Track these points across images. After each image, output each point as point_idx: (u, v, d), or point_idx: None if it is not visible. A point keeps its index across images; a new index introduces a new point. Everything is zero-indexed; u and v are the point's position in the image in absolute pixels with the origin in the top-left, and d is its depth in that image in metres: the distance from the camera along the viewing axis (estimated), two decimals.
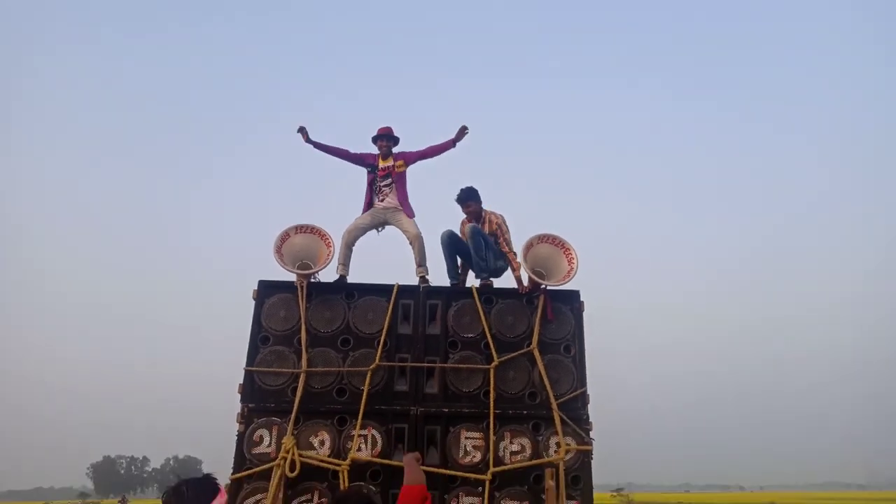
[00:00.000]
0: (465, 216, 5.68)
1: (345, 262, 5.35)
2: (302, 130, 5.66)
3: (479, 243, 5.28)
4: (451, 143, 5.67)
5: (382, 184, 5.84)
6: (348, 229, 5.53)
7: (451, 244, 5.54)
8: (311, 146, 5.74)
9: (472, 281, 5.46)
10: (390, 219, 5.69)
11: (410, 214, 5.66)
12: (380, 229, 5.72)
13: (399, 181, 5.79)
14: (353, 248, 5.51)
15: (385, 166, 5.86)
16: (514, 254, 5.36)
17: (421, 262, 5.51)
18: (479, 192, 5.64)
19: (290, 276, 4.83)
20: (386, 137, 5.86)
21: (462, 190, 5.63)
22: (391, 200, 5.71)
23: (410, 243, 5.54)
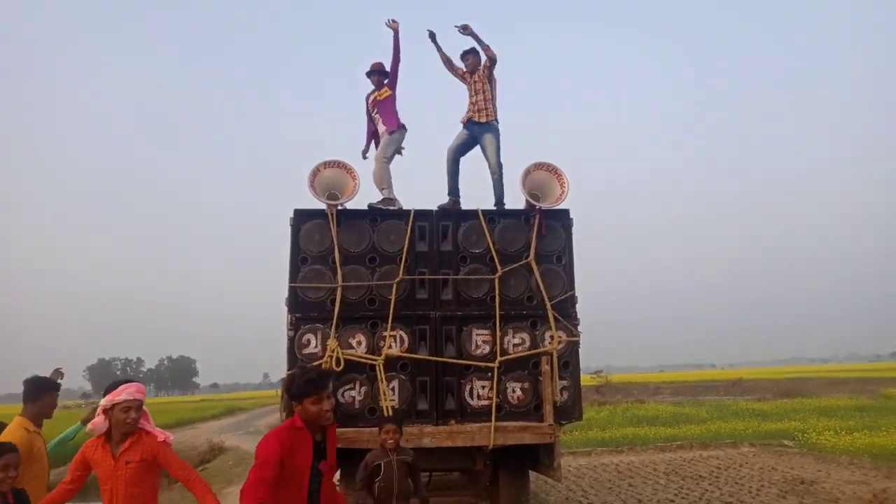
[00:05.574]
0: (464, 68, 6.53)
1: (391, 197, 5.93)
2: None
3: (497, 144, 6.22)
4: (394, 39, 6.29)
5: (374, 113, 6.41)
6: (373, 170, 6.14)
7: (456, 161, 6.33)
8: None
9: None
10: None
11: (390, 130, 6.23)
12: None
13: (382, 106, 6.33)
14: (390, 178, 6.08)
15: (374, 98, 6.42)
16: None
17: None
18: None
19: (321, 206, 5.52)
20: (377, 73, 6.42)
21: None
22: (381, 127, 6.35)
23: None
